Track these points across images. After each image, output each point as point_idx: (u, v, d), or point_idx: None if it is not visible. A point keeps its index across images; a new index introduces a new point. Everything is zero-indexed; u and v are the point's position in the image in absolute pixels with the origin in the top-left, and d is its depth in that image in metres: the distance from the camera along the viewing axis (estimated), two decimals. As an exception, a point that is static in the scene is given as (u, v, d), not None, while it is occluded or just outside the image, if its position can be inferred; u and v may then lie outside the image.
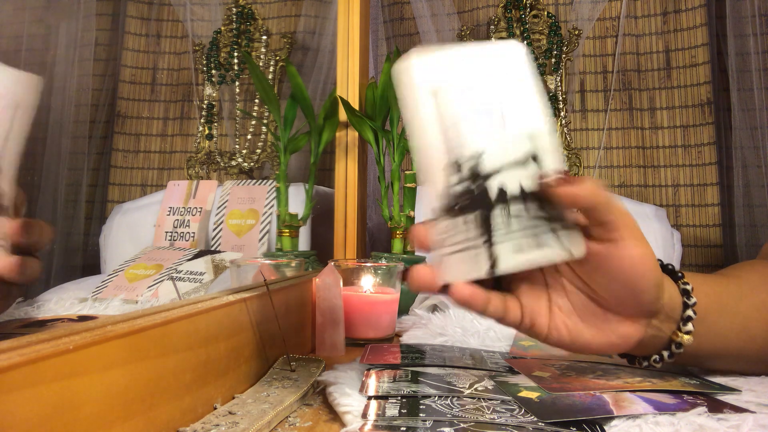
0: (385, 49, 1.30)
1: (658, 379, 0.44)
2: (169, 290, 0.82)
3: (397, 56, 0.82)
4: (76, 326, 0.29)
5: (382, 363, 0.49)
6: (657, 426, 0.35)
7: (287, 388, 0.43)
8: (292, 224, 0.93)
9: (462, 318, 0.67)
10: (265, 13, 1.32)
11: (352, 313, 0.63)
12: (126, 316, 0.32)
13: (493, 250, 0.36)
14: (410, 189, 0.88)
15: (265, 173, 1.22)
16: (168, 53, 1.35)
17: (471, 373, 0.46)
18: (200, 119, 1.21)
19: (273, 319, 0.50)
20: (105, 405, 0.28)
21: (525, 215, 0.37)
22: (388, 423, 0.35)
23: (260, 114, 1.21)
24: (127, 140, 1.32)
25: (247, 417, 0.36)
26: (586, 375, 0.45)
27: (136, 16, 1.34)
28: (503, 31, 1.13)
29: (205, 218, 1.05)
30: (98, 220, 1.26)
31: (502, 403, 0.38)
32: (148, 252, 0.99)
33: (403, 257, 0.84)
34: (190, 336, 0.36)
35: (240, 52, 1.18)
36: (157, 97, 1.34)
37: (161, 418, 0.33)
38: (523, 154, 0.37)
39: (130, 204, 1.17)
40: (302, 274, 0.67)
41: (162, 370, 0.33)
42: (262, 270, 0.66)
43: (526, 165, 0.37)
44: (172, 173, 1.32)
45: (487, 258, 0.36)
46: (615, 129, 1.18)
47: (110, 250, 1.09)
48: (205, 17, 1.30)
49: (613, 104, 1.18)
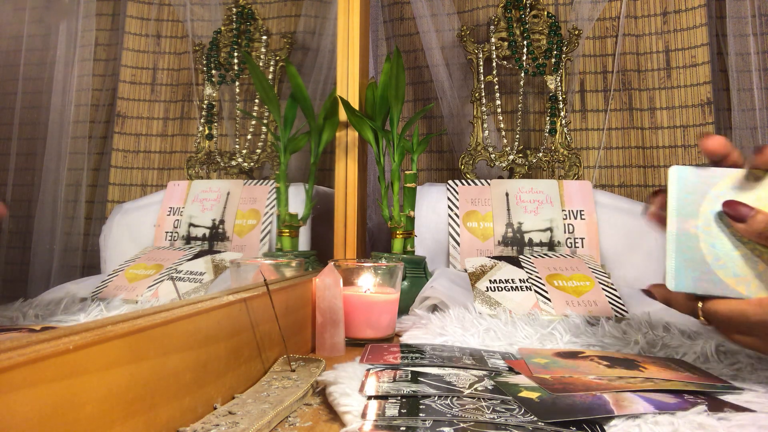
0: (385, 49, 1.30)
1: (659, 379, 0.44)
2: (169, 290, 0.82)
3: (397, 56, 0.82)
4: (76, 326, 0.29)
5: (382, 363, 0.49)
6: (657, 425, 0.35)
7: (287, 388, 0.43)
8: (292, 224, 0.93)
9: (462, 318, 0.67)
10: (265, 13, 1.32)
11: (352, 313, 0.63)
12: (126, 316, 0.32)
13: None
14: (410, 189, 0.88)
15: (265, 173, 1.22)
16: (168, 53, 1.35)
17: (471, 373, 0.46)
18: (200, 119, 1.21)
19: (273, 319, 0.50)
20: (105, 405, 0.28)
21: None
22: (388, 423, 0.35)
23: (260, 114, 1.21)
24: (127, 140, 1.32)
25: (247, 417, 0.36)
26: (588, 375, 0.45)
27: (136, 16, 1.34)
28: (503, 31, 1.13)
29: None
30: (98, 220, 1.26)
31: (502, 403, 0.38)
32: (148, 252, 0.99)
33: (403, 257, 0.84)
34: (190, 336, 0.36)
35: (240, 52, 1.18)
36: (157, 97, 1.34)
37: (161, 418, 0.33)
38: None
39: (130, 204, 1.16)
40: (302, 274, 0.67)
41: (162, 370, 0.33)
42: (262, 270, 0.66)
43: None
44: (172, 173, 1.32)
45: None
46: (615, 129, 1.18)
47: (110, 250, 1.09)
48: (205, 17, 1.30)
49: (613, 104, 1.18)
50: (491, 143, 1.10)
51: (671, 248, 0.46)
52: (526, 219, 0.96)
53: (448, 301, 0.73)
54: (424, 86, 1.29)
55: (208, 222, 1.03)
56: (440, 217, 0.99)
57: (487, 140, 1.10)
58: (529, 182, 1.01)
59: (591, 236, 0.94)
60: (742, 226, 0.42)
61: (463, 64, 1.21)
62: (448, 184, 1.02)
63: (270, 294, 0.49)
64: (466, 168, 1.09)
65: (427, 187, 1.04)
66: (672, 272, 0.45)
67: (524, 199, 0.98)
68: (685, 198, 0.46)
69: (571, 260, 0.87)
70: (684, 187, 0.46)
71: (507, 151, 1.09)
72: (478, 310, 0.74)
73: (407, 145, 0.90)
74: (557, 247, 0.94)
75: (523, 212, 0.97)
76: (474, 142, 1.10)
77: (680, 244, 0.45)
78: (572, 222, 0.96)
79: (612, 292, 0.77)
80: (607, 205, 0.97)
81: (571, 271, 0.82)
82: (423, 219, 0.98)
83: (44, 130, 1.19)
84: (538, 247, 0.94)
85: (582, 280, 0.80)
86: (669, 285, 0.46)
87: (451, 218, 0.98)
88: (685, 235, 0.45)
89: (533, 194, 0.99)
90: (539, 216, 0.97)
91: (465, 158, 1.09)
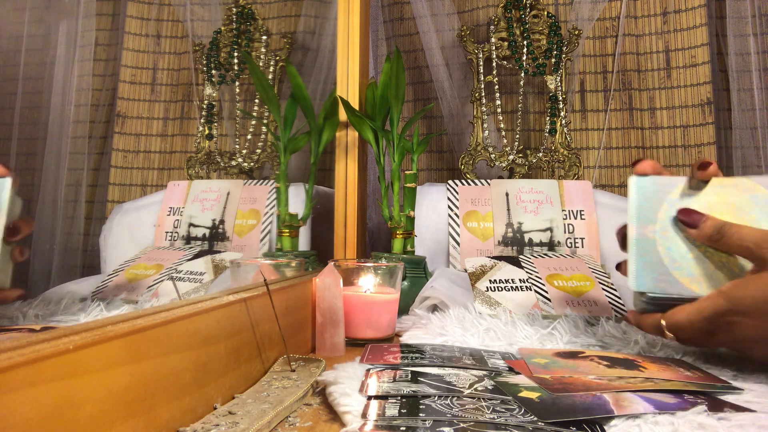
0: (385, 49, 1.30)
1: (659, 379, 0.44)
2: (169, 290, 0.82)
3: (398, 56, 0.82)
4: (76, 326, 0.29)
5: (382, 363, 0.49)
6: (656, 425, 0.35)
7: (287, 388, 0.43)
8: (292, 224, 0.93)
9: (462, 318, 0.67)
10: (265, 13, 1.32)
11: (352, 313, 0.63)
12: (126, 316, 0.32)
13: None
14: (410, 189, 0.88)
15: (265, 173, 1.22)
16: (168, 53, 1.35)
17: (471, 373, 0.46)
18: (200, 119, 1.20)
19: (273, 319, 0.50)
20: (105, 405, 0.28)
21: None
22: (388, 423, 0.35)
23: (260, 114, 1.21)
24: (127, 140, 1.32)
25: (247, 417, 0.36)
26: (588, 375, 0.45)
27: (136, 16, 1.34)
28: (503, 31, 1.13)
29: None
30: (98, 220, 1.26)
31: (502, 403, 0.38)
32: (148, 252, 0.99)
33: (403, 257, 0.84)
34: (190, 336, 0.36)
35: (240, 52, 1.18)
36: (157, 97, 1.34)
37: (161, 418, 0.33)
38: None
39: (130, 204, 1.16)
40: (302, 274, 0.67)
41: (162, 370, 0.33)
42: (262, 270, 0.66)
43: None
44: (172, 173, 1.32)
45: None
46: (615, 129, 1.18)
47: (110, 250, 1.08)
48: (205, 17, 1.30)
49: (613, 104, 1.18)
50: (491, 143, 1.10)
51: (632, 252, 0.49)
52: (526, 219, 0.96)
53: (448, 301, 0.73)
54: (424, 86, 1.29)
55: (208, 222, 1.03)
56: (440, 217, 0.99)
57: (487, 140, 1.10)
58: (529, 182, 1.01)
59: (591, 236, 0.94)
60: (695, 231, 0.47)
61: (463, 64, 1.21)
62: (448, 184, 1.02)
63: (270, 294, 0.49)
64: (466, 168, 1.09)
65: (427, 187, 1.04)
66: (633, 274, 0.49)
67: (524, 199, 0.98)
68: (644, 205, 0.50)
69: (571, 260, 0.87)
70: (643, 195, 0.50)
71: (507, 151, 1.09)
72: (478, 310, 0.74)
73: (407, 145, 0.90)
74: (557, 247, 0.94)
75: (523, 212, 0.97)
76: (474, 142, 1.10)
77: (640, 248, 0.49)
78: (572, 222, 0.96)
79: (612, 292, 0.77)
80: (607, 205, 0.97)
81: (571, 271, 0.82)
82: (423, 219, 0.98)
83: (44, 130, 1.19)
84: (538, 247, 0.94)
85: (582, 280, 0.80)
86: (631, 285, 0.50)
87: (451, 218, 0.98)
88: (645, 239, 0.49)
89: (533, 194, 0.99)
90: (539, 216, 0.97)
91: (465, 158, 1.09)
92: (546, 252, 0.93)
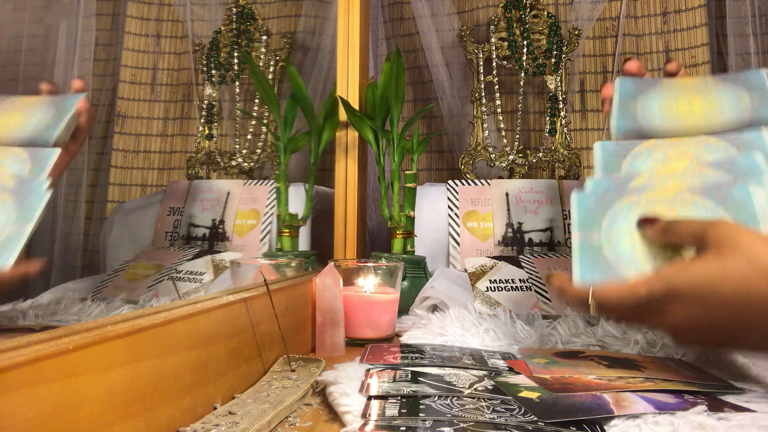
0: (385, 49, 1.30)
1: (659, 379, 0.44)
2: (169, 290, 0.82)
3: (398, 56, 0.82)
4: (76, 326, 0.29)
5: (382, 363, 0.49)
6: (656, 425, 0.35)
7: (287, 388, 0.43)
8: (292, 224, 0.93)
9: (462, 318, 0.67)
10: (265, 13, 1.32)
11: (352, 313, 0.63)
12: (126, 316, 0.32)
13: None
14: (410, 189, 0.88)
15: (265, 173, 1.22)
16: (168, 53, 1.35)
17: (471, 373, 0.46)
18: (200, 119, 1.20)
19: (273, 319, 0.50)
20: (105, 405, 0.28)
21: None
22: (388, 423, 0.35)
23: (260, 114, 1.21)
24: (127, 140, 1.32)
25: (247, 417, 0.36)
26: (588, 375, 0.45)
27: (136, 16, 1.34)
28: (503, 31, 1.13)
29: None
30: (98, 220, 1.26)
31: (502, 403, 0.38)
32: (148, 252, 0.99)
33: (403, 257, 0.84)
34: (190, 336, 0.36)
35: (240, 52, 1.18)
36: (157, 97, 1.34)
37: (161, 418, 0.33)
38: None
39: (130, 204, 1.16)
40: (302, 274, 0.67)
41: (162, 370, 0.33)
42: (262, 270, 0.66)
43: None
44: (172, 173, 1.32)
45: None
46: (615, 129, 1.17)
47: (110, 250, 1.08)
48: (205, 17, 1.30)
49: (613, 104, 1.18)
50: (491, 143, 1.10)
51: (576, 256, 0.50)
52: (526, 219, 0.96)
53: (448, 301, 0.73)
54: (424, 86, 1.29)
55: (208, 222, 1.03)
56: (440, 217, 0.99)
57: (487, 140, 1.10)
58: (529, 182, 1.01)
59: (591, 236, 0.94)
60: (650, 231, 0.48)
61: (463, 64, 1.21)
62: (448, 184, 1.02)
63: (270, 294, 0.49)
64: (466, 168, 1.09)
65: (427, 187, 1.04)
66: (578, 275, 0.49)
67: (524, 199, 0.98)
68: (586, 213, 0.52)
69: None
70: (584, 207, 0.53)
71: (507, 151, 1.09)
72: (478, 310, 0.74)
73: (407, 145, 0.90)
74: (557, 247, 0.94)
75: (523, 212, 0.97)
76: (474, 142, 1.10)
77: (584, 252, 0.50)
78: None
79: (612, 292, 0.77)
80: (607, 205, 0.97)
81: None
82: (423, 219, 0.98)
83: (44, 130, 1.18)
84: (538, 247, 0.94)
85: (582, 280, 0.79)
86: (575, 281, 0.49)
87: (451, 218, 0.98)
88: (589, 244, 0.50)
89: (533, 194, 0.99)
90: (539, 216, 0.97)
91: (465, 158, 1.09)
92: (546, 252, 0.93)
